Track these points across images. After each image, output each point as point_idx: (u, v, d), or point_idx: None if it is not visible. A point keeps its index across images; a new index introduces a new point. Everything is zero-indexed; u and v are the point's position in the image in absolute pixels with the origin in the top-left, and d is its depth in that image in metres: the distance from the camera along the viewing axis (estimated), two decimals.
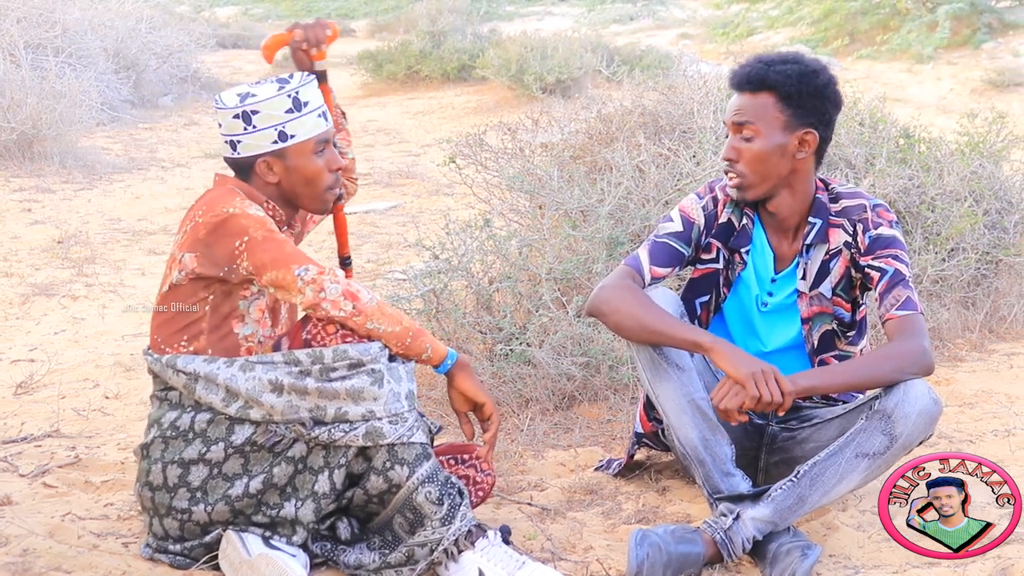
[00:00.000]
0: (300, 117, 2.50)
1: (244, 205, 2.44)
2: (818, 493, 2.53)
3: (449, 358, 2.53)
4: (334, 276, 2.41)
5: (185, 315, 2.48)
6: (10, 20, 8.91)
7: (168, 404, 2.48)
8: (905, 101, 10.71)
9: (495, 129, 4.85)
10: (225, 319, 2.49)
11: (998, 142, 4.79)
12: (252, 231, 2.40)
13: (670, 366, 2.61)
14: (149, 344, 2.56)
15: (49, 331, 4.63)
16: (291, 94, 2.49)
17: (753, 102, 2.60)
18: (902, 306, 2.56)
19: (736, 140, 2.63)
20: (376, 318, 2.41)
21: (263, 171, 2.53)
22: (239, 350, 2.51)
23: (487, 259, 3.92)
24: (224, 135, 2.54)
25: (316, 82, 2.58)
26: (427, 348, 2.48)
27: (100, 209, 6.92)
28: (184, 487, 2.43)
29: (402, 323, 2.45)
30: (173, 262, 2.49)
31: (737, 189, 2.66)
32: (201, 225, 2.43)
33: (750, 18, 16.01)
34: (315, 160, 2.54)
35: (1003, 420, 3.46)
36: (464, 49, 12.50)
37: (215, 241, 2.41)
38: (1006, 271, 4.42)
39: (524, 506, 2.90)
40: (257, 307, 2.53)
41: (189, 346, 2.49)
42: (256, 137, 2.49)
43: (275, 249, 2.40)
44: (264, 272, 2.40)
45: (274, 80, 2.52)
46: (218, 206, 2.43)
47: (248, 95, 2.48)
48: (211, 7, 21.05)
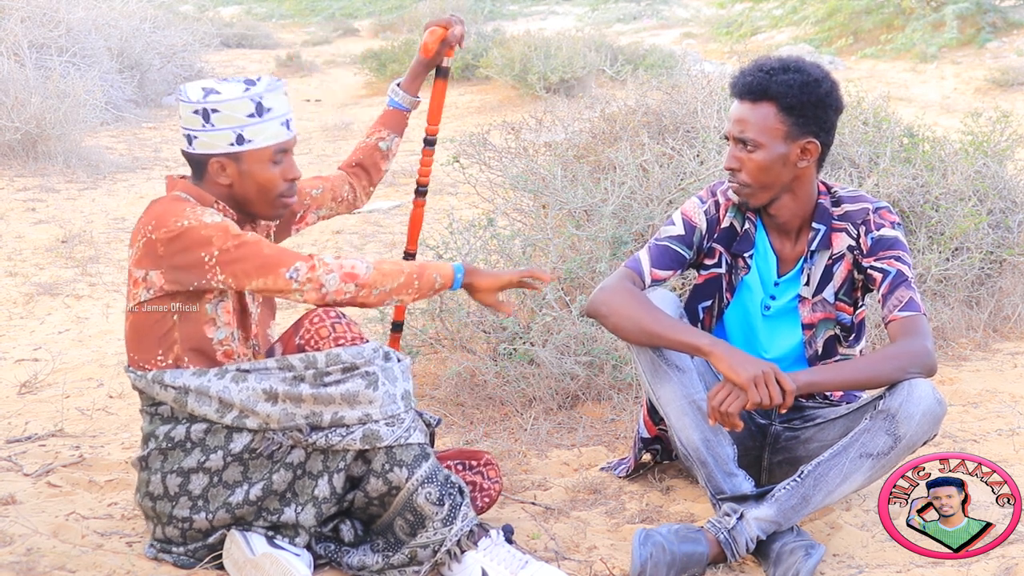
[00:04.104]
0: (261, 123, 2.43)
1: (197, 214, 2.37)
2: (822, 493, 2.53)
3: (458, 273, 2.50)
4: (325, 265, 2.36)
5: (156, 328, 2.43)
6: (14, 19, 8.91)
7: (160, 419, 2.46)
8: (909, 100, 10.69)
9: (499, 128, 4.85)
10: (196, 326, 2.44)
11: (1002, 141, 4.78)
12: (217, 242, 2.34)
13: (670, 367, 2.61)
14: (128, 361, 2.51)
15: (53, 330, 4.64)
16: (255, 98, 2.42)
17: (754, 112, 2.59)
18: (905, 307, 2.56)
19: (738, 150, 2.62)
20: (379, 282, 2.39)
21: (215, 171, 2.46)
22: (216, 355, 2.47)
23: (491, 258, 3.92)
24: (182, 127, 2.48)
25: (282, 88, 2.49)
26: (435, 278, 2.47)
27: (104, 208, 6.93)
28: (185, 496, 2.42)
29: (403, 271, 2.43)
30: (135, 280, 2.42)
31: (739, 196, 2.66)
32: (156, 242, 2.36)
33: (754, 17, 15.99)
34: (270, 168, 2.47)
35: (1007, 419, 3.46)
36: (467, 48, 12.47)
37: (176, 256, 2.35)
38: (1010, 270, 4.42)
39: (528, 505, 2.90)
40: (224, 309, 2.47)
41: (166, 359, 2.44)
42: (213, 136, 2.43)
43: (253, 255, 2.35)
44: (248, 281, 2.35)
45: (241, 80, 2.47)
46: (170, 220, 2.36)
47: (211, 91, 2.42)
48: (215, 6, 21.06)
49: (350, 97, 12.34)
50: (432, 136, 3.08)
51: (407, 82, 2.98)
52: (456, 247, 3.87)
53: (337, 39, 18.71)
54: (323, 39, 18.67)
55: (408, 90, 2.98)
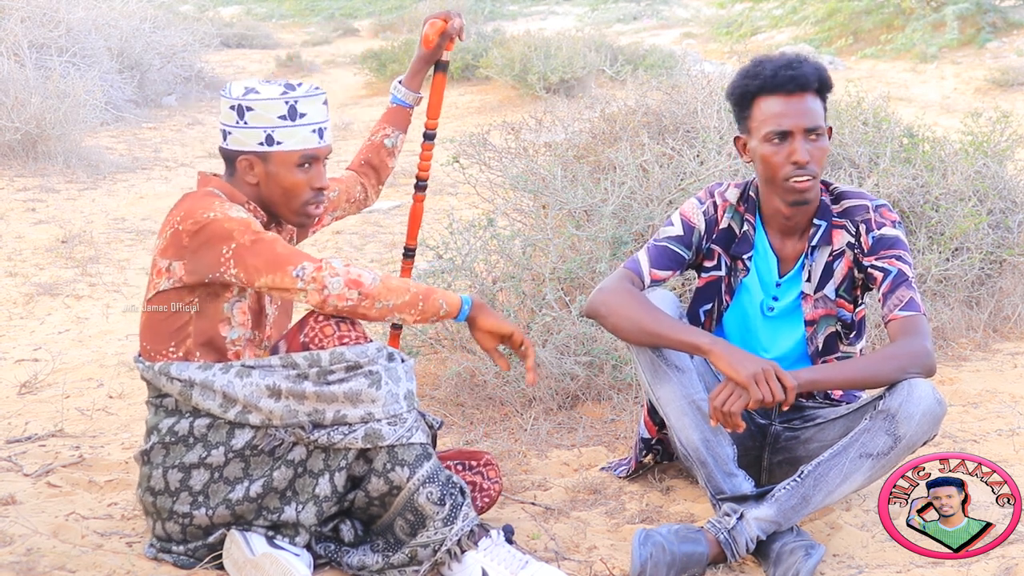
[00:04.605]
0: (292, 127, 2.47)
1: (224, 208, 2.41)
2: (822, 493, 2.53)
3: (465, 304, 2.51)
4: (332, 269, 2.37)
5: (172, 321, 2.45)
6: (14, 20, 8.91)
7: (164, 411, 2.47)
8: (909, 100, 10.69)
9: (499, 128, 4.85)
10: (211, 323, 2.46)
11: (1002, 141, 4.78)
12: (237, 236, 2.36)
13: (669, 368, 2.61)
14: (139, 351, 2.54)
15: (53, 331, 4.64)
16: (290, 101, 2.46)
17: (811, 102, 2.60)
18: (905, 307, 2.56)
19: (807, 142, 2.59)
20: (383, 296, 2.39)
21: (243, 169, 2.50)
22: (227, 353, 2.49)
23: (491, 258, 3.93)
24: (220, 122, 2.53)
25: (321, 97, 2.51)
26: (441, 305, 2.47)
27: (104, 209, 6.93)
28: (186, 491, 2.42)
29: (410, 290, 2.43)
30: (158, 270, 2.45)
31: (805, 194, 2.61)
32: (183, 232, 2.39)
33: (754, 17, 15.99)
34: (296, 173, 2.50)
35: (1007, 420, 3.46)
36: (467, 48, 12.49)
37: (199, 248, 2.38)
38: (1010, 271, 4.41)
39: (528, 505, 2.90)
40: (240, 309, 2.49)
41: (177, 351, 2.46)
42: (245, 133, 2.47)
43: (266, 252, 2.36)
44: (258, 277, 2.37)
45: (282, 83, 2.51)
46: (198, 212, 2.40)
47: (251, 90, 2.47)
48: (215, 6, 21.05)
49: (350, 97, 12.34)
50: (432, 130, 3.12)
51: (408, 78, 3.02)
52: (456, 247, 3.87)
53: (337, 39, 18.71)
54: (323, 39, 18.67)
55: (410, 86, 3.01)
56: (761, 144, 2.62)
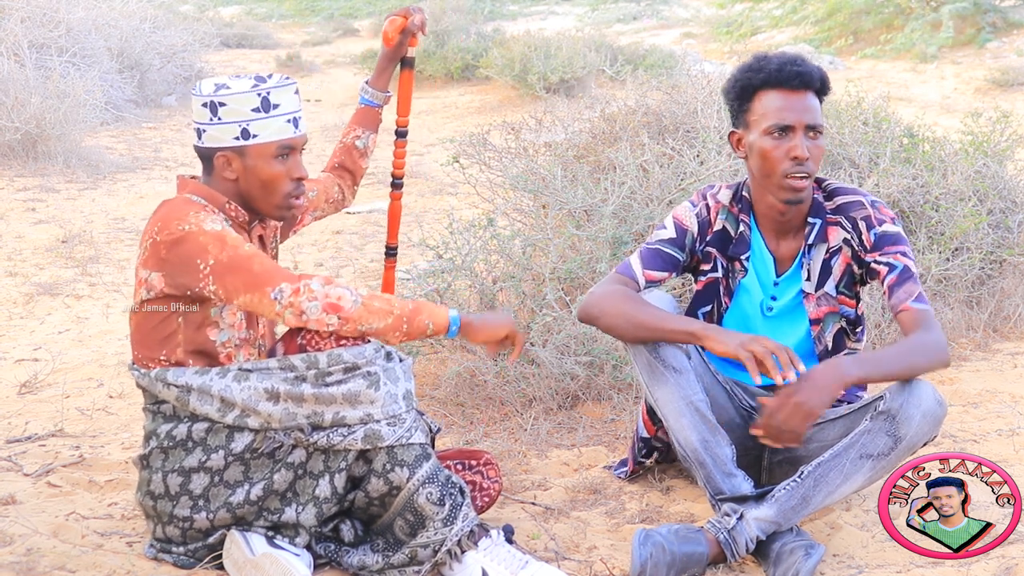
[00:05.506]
0: (266, 118, 2.46)
1: (200, 220, 2.38)
2: (822, 494, 2.53)
3: (452, 324, 2.48)
4: (310, 292, 2.34)
5: (160, 329, 2.44)
6: (14, 20, 8.90)
7: (162, 416, 2.46)
8: (909, 100, 10.70)
9: (499, 128, 4.85)
10: (200, 328, 2.45)
11: (1002, 141, 4.78)
12: (213, 251, 2.35)
13: (667, 369, 2.61)
14: (132, 359, 2.52)
15: (53, 330, 4.64)
16: (262, 93, 2.45)
17: (811, 100, 2.62)
18: (917, 299, 2.57)
19: (807, 139, 2.60)
20: (364, 320, 2.37)
21: (221, 165, 2.49)
22: (219, 357, 2.48)
23: (491, 258, 3.92)
24: (194, 122, 2.52)
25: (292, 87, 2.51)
26: (427, 325, 2.44)
27: (104, 208, 6.93)
28: (186, 495, 2.42)
29: (393, 311, 2.39)
30: (140, 280, 2.44)
31: (800, 193, 2.63)
32: (160, 244, 2.38)
33: (754, 17, 16.00)
34: (275, 164, 2.49)
35: (1007, 420, 3.46)
36: (467, 48, 12.50)
37: (177, 261, 2.37)
38: (1010, 271, 4.41)
39: (528, 505, 2.90)
40: (229, 311, 2.48)
41: (169, 358, 2.45)
42: (219, 130, 2.46)
43: (243, 270, 2.34)
44: (236, 296, 2.36)
45: (252, 77, 2.49)
46: (173, 223, 2.38)
47: (222, 87, 2.45)
48: (215, 6, 21.07)
49: (350, 97, 12.33)
50: (403, 128, 3.14)
51: (375, 78, 3.04)
52: (456, 247, 3.87)
53: (337, 39, 18.72)
54: (323, 39, 18.68)
55: (377, 86, 3.03)
56: (760, 138, 2.62)
